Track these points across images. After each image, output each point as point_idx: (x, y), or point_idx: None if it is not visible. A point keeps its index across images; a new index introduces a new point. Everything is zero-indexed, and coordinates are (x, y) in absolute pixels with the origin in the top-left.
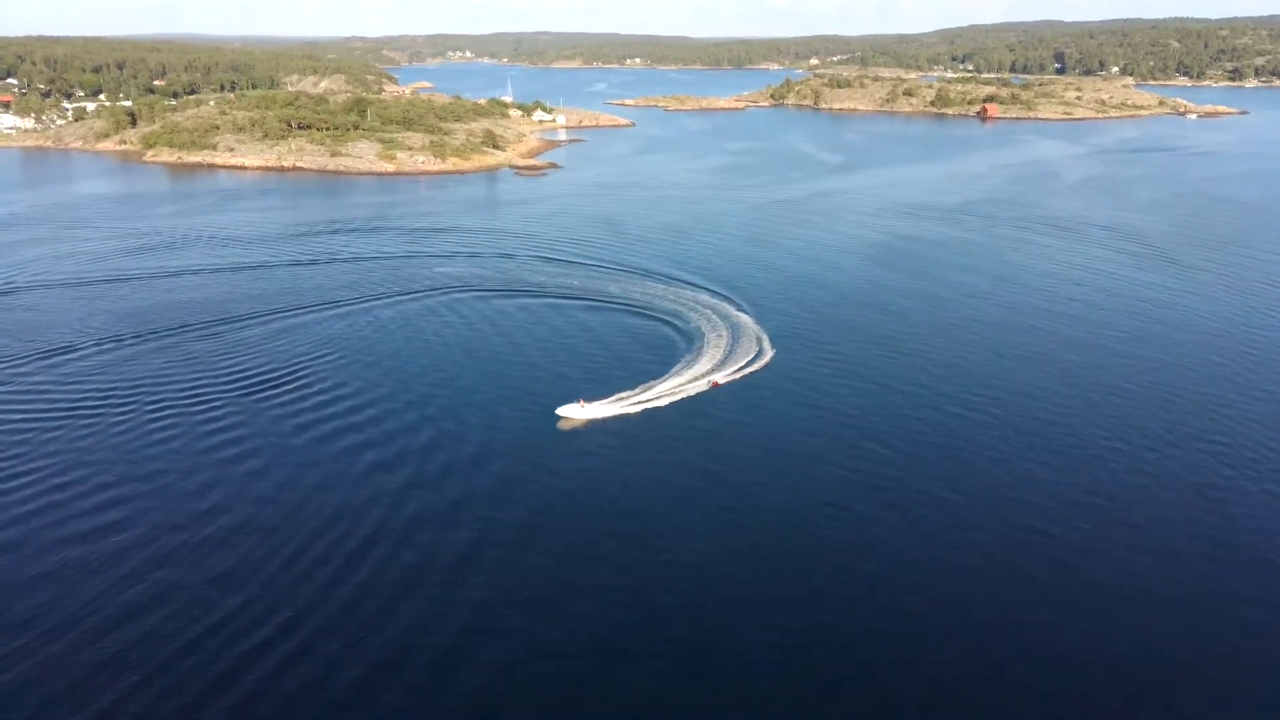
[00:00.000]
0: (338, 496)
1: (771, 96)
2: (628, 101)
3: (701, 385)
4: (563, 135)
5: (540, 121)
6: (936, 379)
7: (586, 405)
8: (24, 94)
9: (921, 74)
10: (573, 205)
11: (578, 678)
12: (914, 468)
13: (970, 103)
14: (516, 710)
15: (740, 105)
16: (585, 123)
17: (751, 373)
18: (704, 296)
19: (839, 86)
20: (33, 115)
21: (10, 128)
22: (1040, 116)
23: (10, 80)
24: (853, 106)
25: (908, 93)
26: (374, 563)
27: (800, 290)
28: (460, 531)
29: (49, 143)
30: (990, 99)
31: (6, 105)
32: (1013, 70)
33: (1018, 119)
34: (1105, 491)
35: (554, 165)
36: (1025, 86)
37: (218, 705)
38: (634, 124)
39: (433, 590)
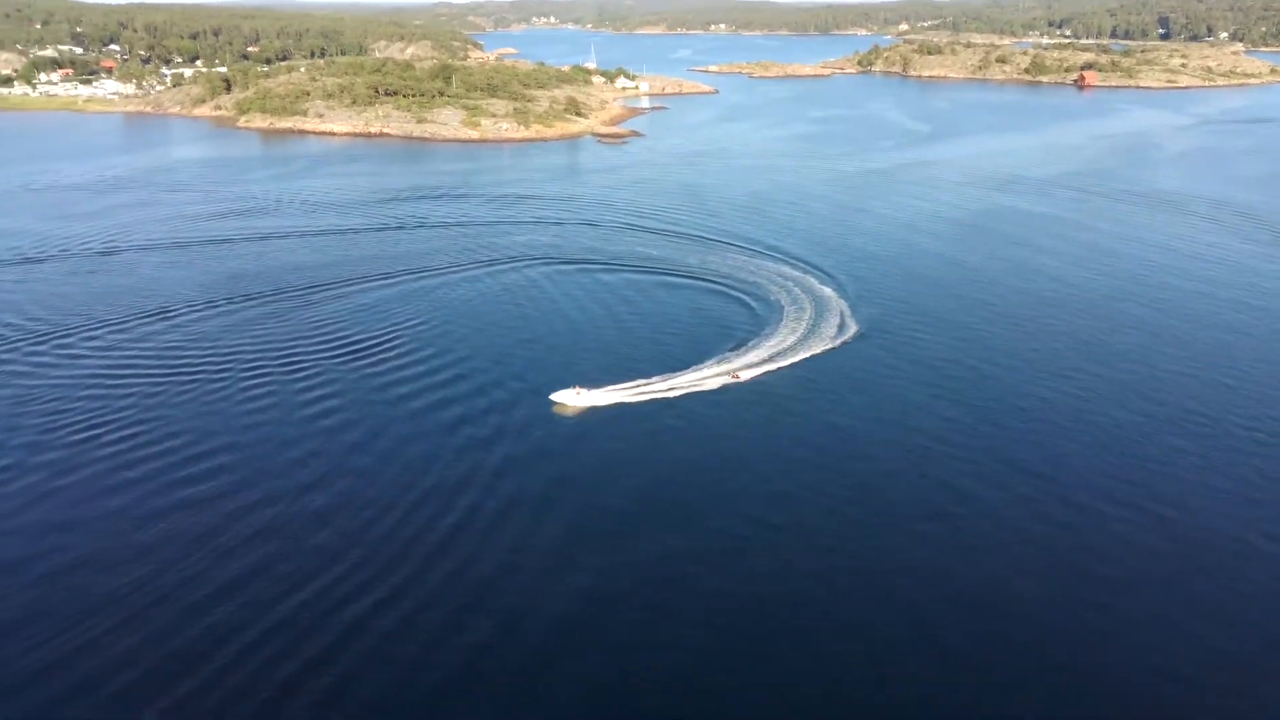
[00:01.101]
0: (437, 467)
1: (858, 63)
2: (711, 68)
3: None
4: (645, 102)
5: (623, 88)
6: (1026, 359)
7: (582, 392)
8: (126, 61)
9: (1016, 40)
10: (654, 174)
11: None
12: (999, 454)
13: (1067, 70)
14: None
15: (826, 72)
16: (668, 90)
17: (833, 349)
18: (786, 269)
19: (929, 53)
20: (134, 81)
21: (113, 93)
22: (1142, 85)
23: (113, 47)
24: (943, 74)
25: (1001, 60)
26: (473, 537)
27: (886, 263)
28: (557, 502)
29: (149, 108)
30: (1088, 66)
31: (109, 71)
32: (1113, 36)
33: (1117, 87)
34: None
35: (636, 133)
36: (1126, 53)
37: (319, 681)
38: (717, 91)
39: (536, 563)
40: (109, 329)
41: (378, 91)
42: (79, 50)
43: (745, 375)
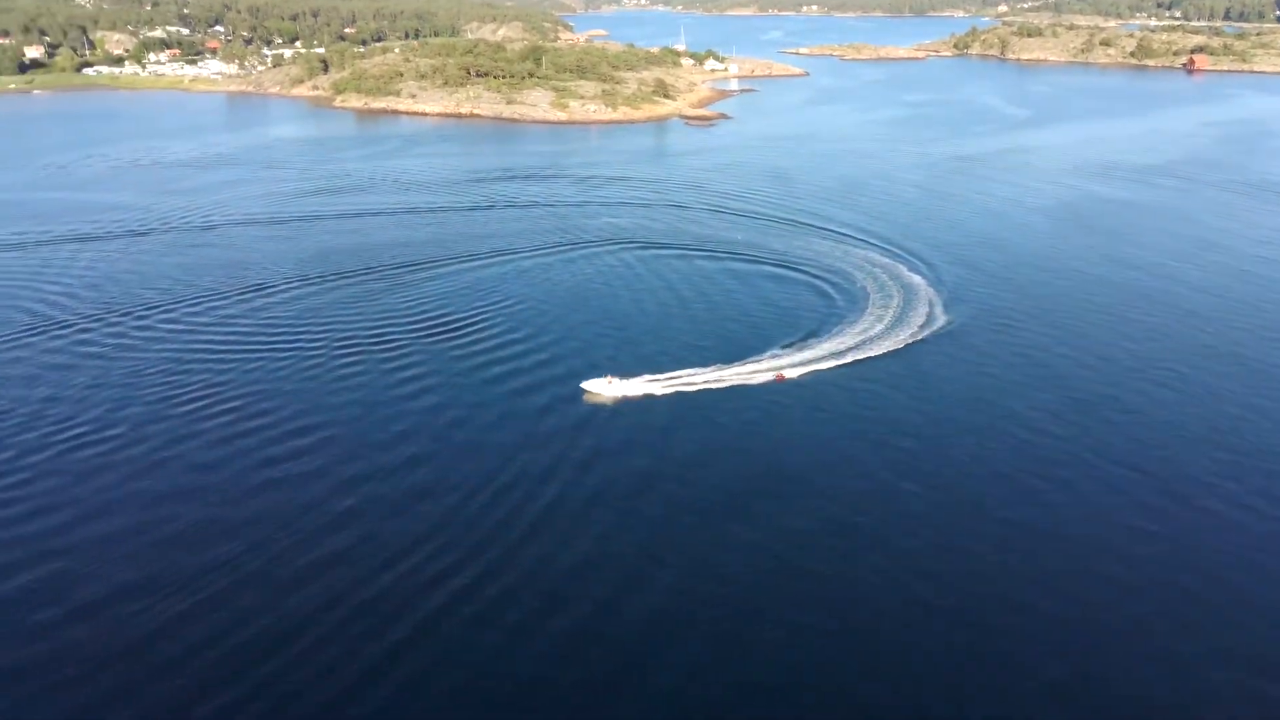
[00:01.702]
0: (525, 452)
1: (955, 46)
2: (802, 50)
3: (793, 372)
4: (734, 85)
5: (712, 70)
6: (1124, 356)
7: (614, 382)
8: (229, 41)
9: (1121, 22)
10: (741, 157)
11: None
12: (1100, 452)
13: (1175, 54)
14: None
15: (920, 55)
16: (757, 72)
17: (922, 339)
18: (874, 256)
19: (1029, 35)
20: (236, 61)
21: (217, 73)
22: (1256, 69)
23: (218, 28)
24: (1043, 57)
25: (1105, 42)
26: (559, 525)
27: (978, 252)
28: (625, 473)
29: (250, 88)
30: (1199, 50)
31: (214, 52)
32: (1226, 18)
33: (1230, 72)
34: None
35: (724, 115)
36: (1240, 36)
37: (405, 664)
38: (807, 74)
39: (622, 556)
40: (210, 303)
41: (469, 72)
42: (186, 31)
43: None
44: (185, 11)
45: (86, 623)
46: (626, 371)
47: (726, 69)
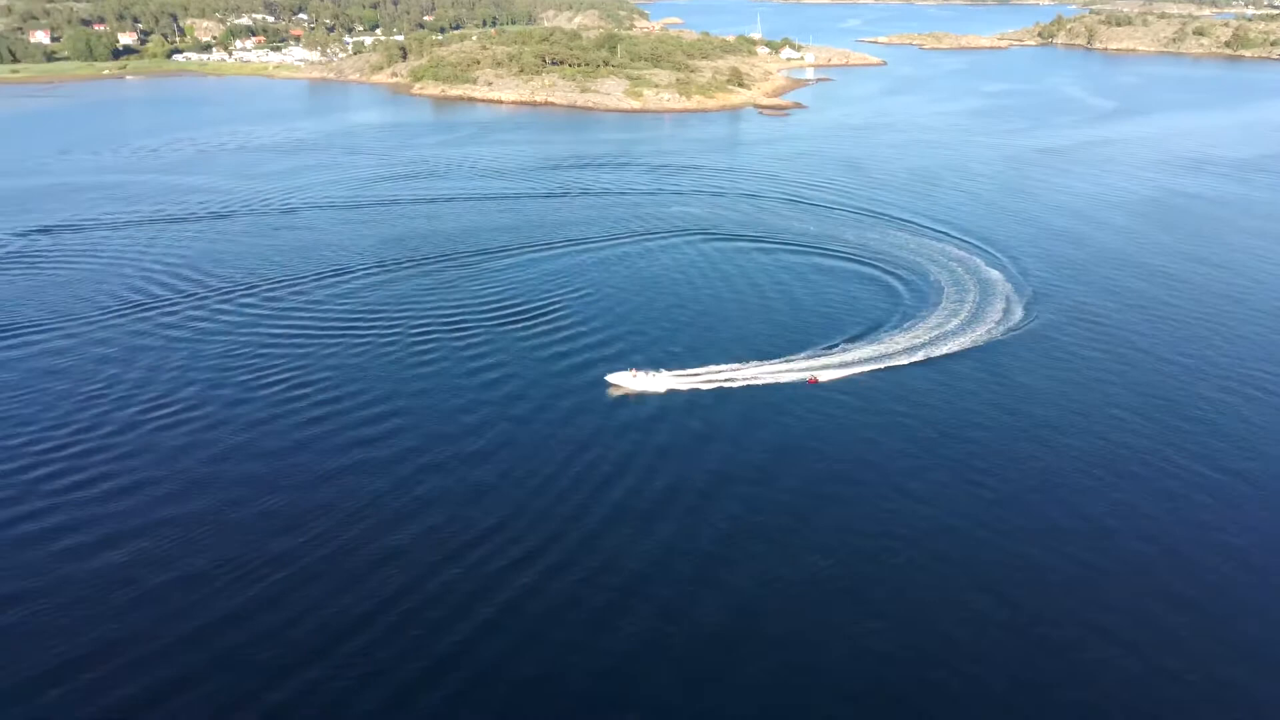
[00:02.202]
0: (598, 443)
1: (1039, 35)
2: (880, 39)
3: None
4: (810, 74)
5: (787, 59)
6: (1210, 357)
7: (639, 375)
8: (312, 29)
9: (1216, 10)
10: (815, 147)
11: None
12: (1186, 452)
13: (1274, 44)
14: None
15: (1003, 44)
16: (834, 61)
17: (998, 336)
18: (951, 249)
19: (1117, 24)
20: (319, 48)
21: (300, 60)
22: None
23: (301, 16)
24: (1131, 47)
25: (1198, 32)
26: (623, 496)
27: (1060, 248)
28: (700, 460)
29: (331, 74)
30: None
31: (297, 39)
32: None
33: None
34: None
35: (798, 105)
36: None
37: (474, 617)
38: (885, 63)
39: (682, 519)
40: (289, 287)
41: (545, 61)
42: (271, 19)
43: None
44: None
45: (161, 604)
46: (678, 363)
47: (802, 58)
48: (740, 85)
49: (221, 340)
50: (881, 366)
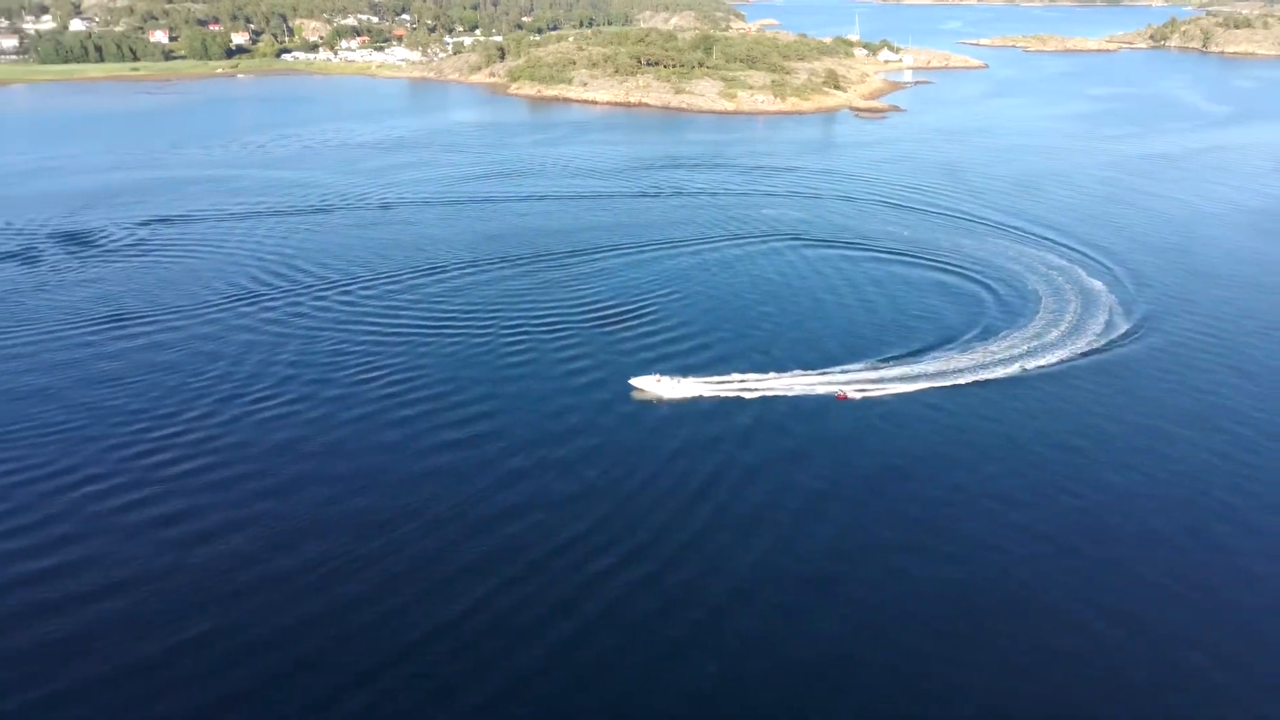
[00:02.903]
0: (684, 433)
1: (1151, 37)
2: (982, 41)
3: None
4: (908, 76)
5: (885, 61)
6: None
7: (663, 380)
8: (414, 29)
9: None
10: (911, 150)
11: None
12: None
13: None
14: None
15: (1111, 46)
16: (933, 63)
17: (1099, 350)
18: (1051, 257)
19: (1235, 26)
20: (420, 48)
21: (401, 60)
22: None
23: (404, 16)
24: (1250, 50)
25: None
26: (726, 527)
27: (1168, 258)
28: (788, 476)
29: (431, 74)
30: None
31: (400, 39)
32: None
33: None
34: None
35: (895, 108)
36: None
37: (561, 627)
38: (986, 65)
39: (781, 531)
40: (386, 281)
41: (640, 61)
42: (375, 19)
43: (963, 379)
44: (376, 0)
45: (266, 593)
46: (759, 368)
47: (900, 60)
48: (836, 87)
49: (319, 334)
50: (979, 378)
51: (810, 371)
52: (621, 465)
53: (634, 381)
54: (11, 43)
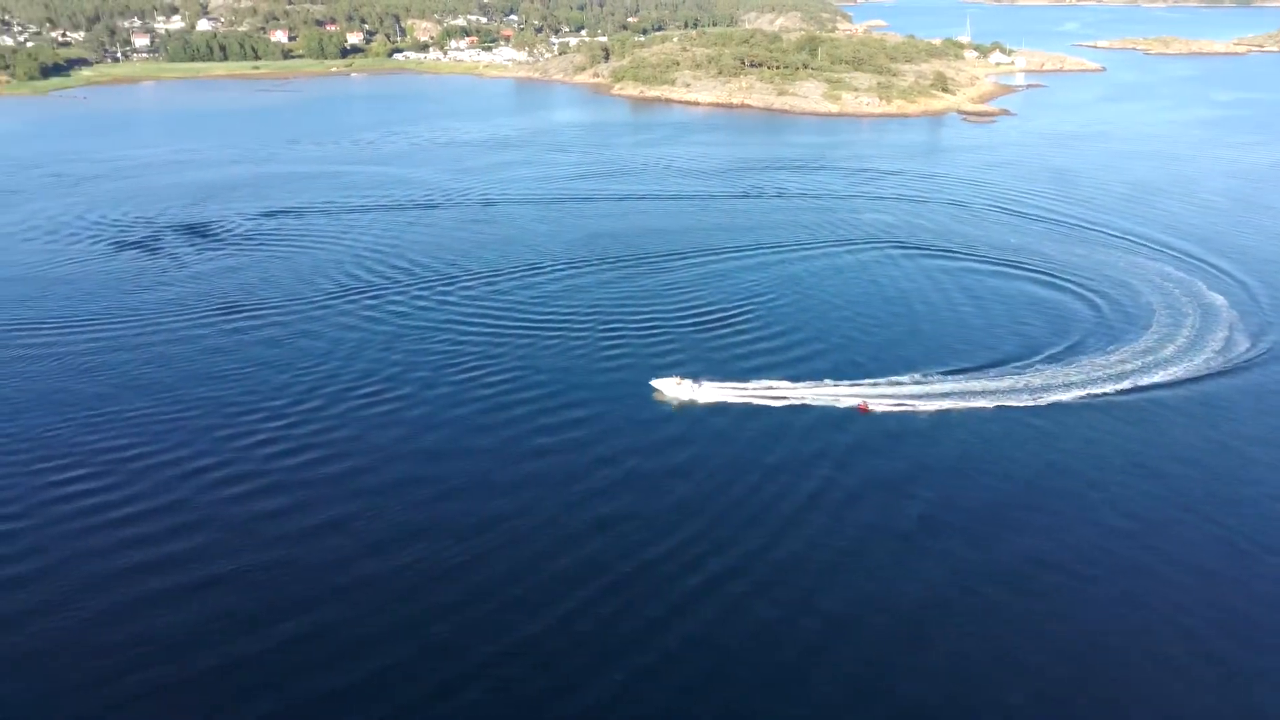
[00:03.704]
0: (786, 447)
1: None
2: (1100, 43)
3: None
4: (1019, 79)
5: (996, 64)
6: None
7: (684, 383)
8: (521, 30)
9: None
10: (1021, 155)
11: None
12: None
13: None
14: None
15: (1240, 49)
16: (1047, 66)
17: (1216, 369)
18: (1169, 269)
19: None
20: (527, 49)
21: (508, 60)
22: None
23: (512, 17)
24: None
25: None
26: (817, 515)
27: None
28: (890, 496)
29: (536, 74)
30: None
31: (507, 40)
32: None
33: None
34: None
35: (1005, 112)
36: None
37: (652, 646)
38: (1104, 69)
39: (884, 560)
40: (486, 280)
41: (743, 63)
42: (484, 20)
43: (1065, 395)
44: (485, 2)
45: (374, 559)
46: (846, 375)
47: (1012, 62)
48: (944, 90)
49: (422, 331)
50: (1084, 393)
51: (904, 379)
52: (717, 478)
53: (655, 383)
54: (144, 41)
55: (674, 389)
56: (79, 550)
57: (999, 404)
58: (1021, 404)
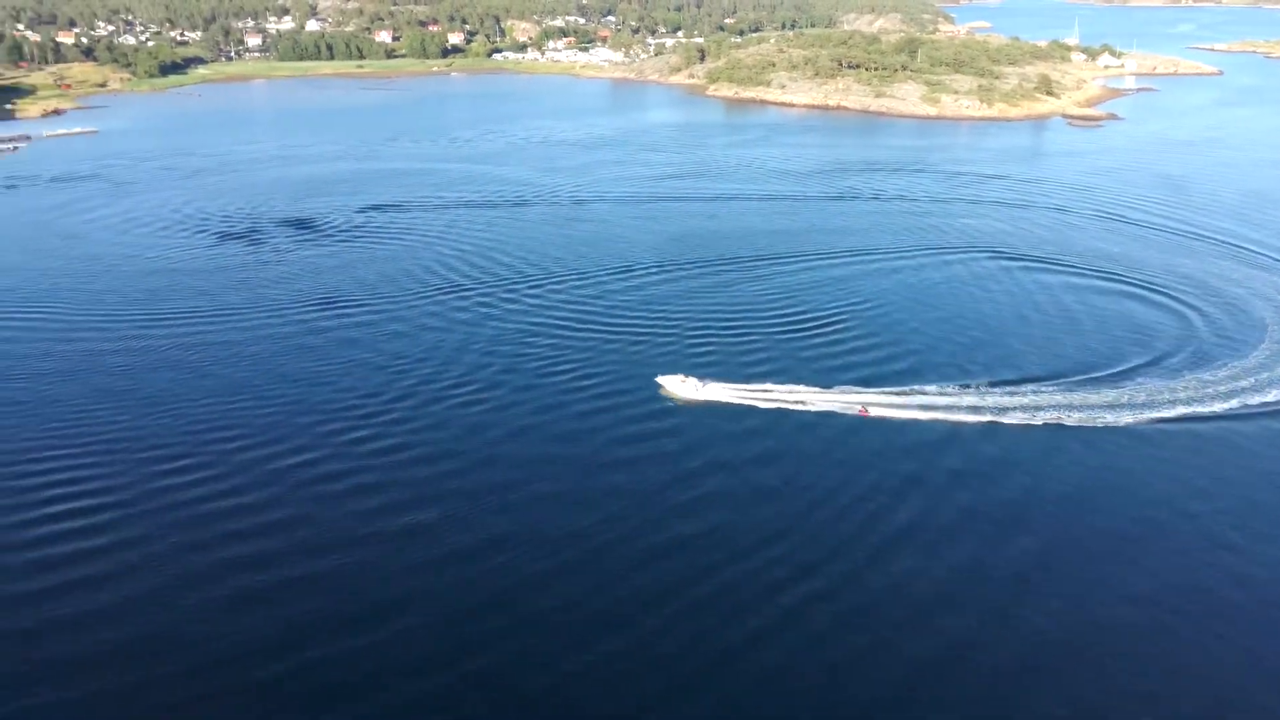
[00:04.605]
0: (869, 448)
1: None
2: (1217, 46)
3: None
4: (1129, 83)
5: (1105, 67)
6: None
7: (689, 381)
8: (618, 30)
9: None
10: (1129, 161)
11: None
12: None
13: None
14: None
15: None
16: (1158, 69)
17: None
18: None
19: None
20: (623, 49)
21: (604, 60)
22: None
23: (610, 18)
24: None
25: None
26: (920, 537)
27: None
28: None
29: (632, 75)
30: None
31: (604, 40)
32: None
33: None
34: None
35: (1113, 116)
36: None
37: (746, 624)
38: (1221, 72)
39: (989, 589)
40: (575, 278)
41: (840, 64)
42: (582, 21)
43: (1170, 412)
44: (583, 2)
45: (458, 567)
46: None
47: (1122, 65)
48: (1049, 93)
49: (510, 329)
50: (1192, 411)
51: (1001, 388)
52: (806, 498)
53: (661, 379)
54: (256, 41)
55: (679, 386)
56: (181, 543)
57: (1095, 421)
58: (1122, 422)
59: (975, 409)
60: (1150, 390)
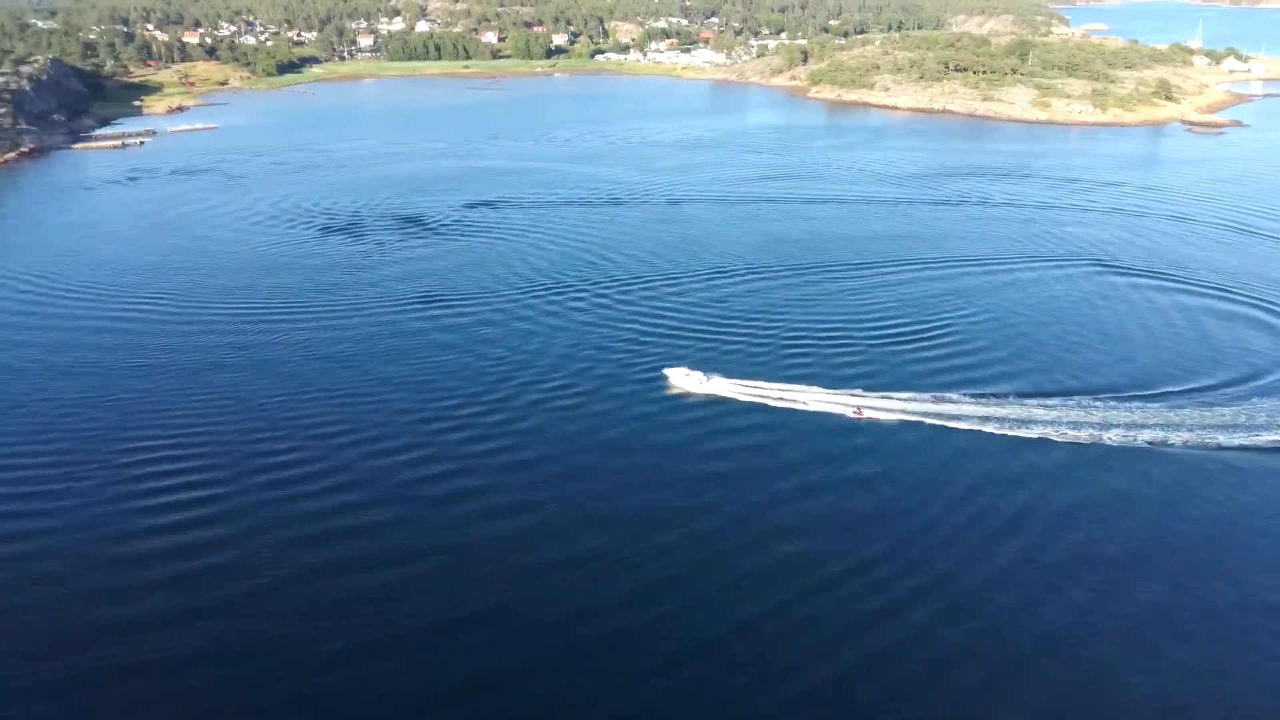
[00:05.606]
0: (977, 472)
1: None
2: None
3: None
4: (1256, 88)
5: (1230, 71)
6: None
7: (691, 374)
8: (721, 32)
9: None
10: (1253, 170)
11: None
12: None
13: None
14: None
15: None
16: None
17: None
18: None
19: None
20: (725, 51)
21: (705, 61)
22: None
23: (713, 20)
24: None
25: None
26: (1032, 572)
27: None
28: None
29: (733, 76)
30: None
31: (706, 42)
32: None
33: None
34: None
35: (1237, 122)
36: None
37: (839, 656)
38: None
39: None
40: (665, 281)
41: (947, 67)
42: (685, 22)
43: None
44: (687, 4)
45: (563, 574)
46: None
47: (1249, 70)
48: (1168, 98)
49: (602, 329)
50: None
51: (1099, 400)
52: (911, 493)
53: (668, 372)
54: (367, 41)
55: (683, 380)
56: (273, 518)
57: (1186, 438)
58: (1232, 442)
59: (1077, 425)
60: (1268, 409)
